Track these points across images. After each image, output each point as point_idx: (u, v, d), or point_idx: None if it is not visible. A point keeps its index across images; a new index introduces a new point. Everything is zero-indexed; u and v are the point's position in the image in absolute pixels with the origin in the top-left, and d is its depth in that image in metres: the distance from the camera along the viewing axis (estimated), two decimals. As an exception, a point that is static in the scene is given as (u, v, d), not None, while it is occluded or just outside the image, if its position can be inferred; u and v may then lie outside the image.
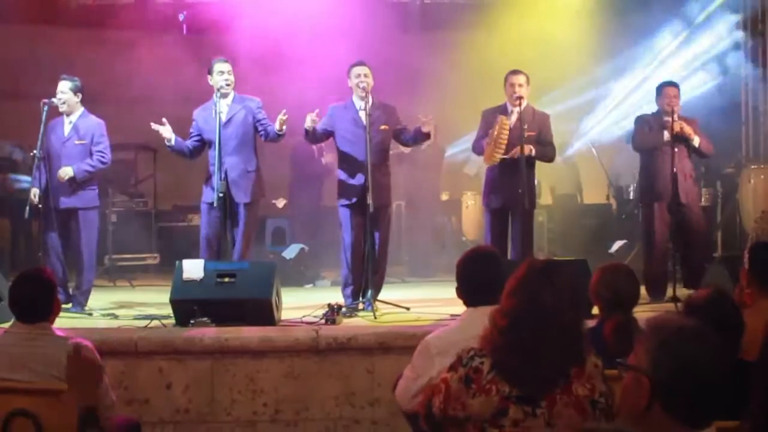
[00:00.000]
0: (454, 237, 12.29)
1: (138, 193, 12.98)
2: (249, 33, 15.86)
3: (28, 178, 8.73)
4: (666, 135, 8.03)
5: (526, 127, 7.92)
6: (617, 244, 10.27)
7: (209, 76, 7.90)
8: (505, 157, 7.89)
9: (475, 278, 4.03)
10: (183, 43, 15.65)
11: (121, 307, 8.16)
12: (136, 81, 14.54)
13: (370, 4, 15.26)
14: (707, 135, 8.27)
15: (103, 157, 8.10)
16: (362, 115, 7.80)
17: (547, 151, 8.28)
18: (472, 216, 12.39)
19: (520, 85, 8.07)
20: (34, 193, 7.84)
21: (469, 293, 4.06)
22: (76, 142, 8.03)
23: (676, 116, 7.88)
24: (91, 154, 8.06)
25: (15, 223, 11.34)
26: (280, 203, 10.58)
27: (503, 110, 8.18)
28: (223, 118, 7.73)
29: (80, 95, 8.15)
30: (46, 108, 7.84)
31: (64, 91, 8.03)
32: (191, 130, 8.06)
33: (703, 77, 11.58)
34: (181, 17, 18.54)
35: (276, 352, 6.00)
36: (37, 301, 4.28)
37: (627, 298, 4.32)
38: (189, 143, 8.00)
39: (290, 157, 11.10)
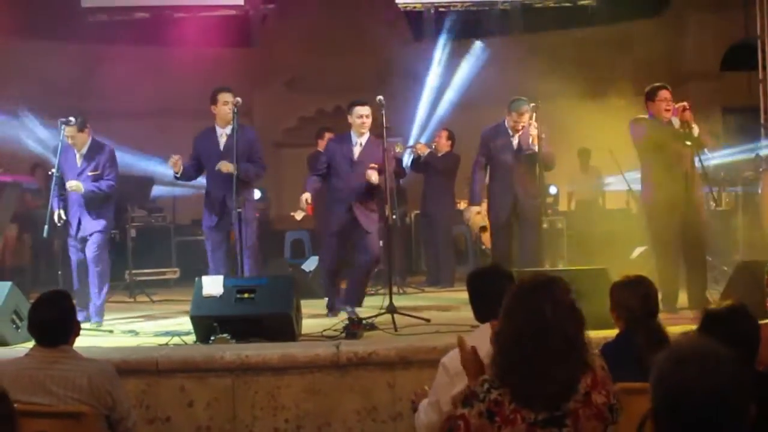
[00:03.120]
0: (474, 246, 12.24)
1: (157, 208, 13.02)
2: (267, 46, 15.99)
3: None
4: (676, 122, 7.75)
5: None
6: (638, 251, 10.18)
7: (213, 106, 8.30)
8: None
9: (483, 294, 4.03)
10: (202, 56, 15.73)
11: (141, 324, 8.15)
12: (155, 95, 14.62)
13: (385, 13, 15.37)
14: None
15: (111, 184, 8.34)
16: (356, 150, 8.30)
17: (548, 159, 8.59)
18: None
19: (524, 117, 8.54)
20: (59, 214, 8.08)
21: (479, 309, 4.06)
22: (90, 173, 8.25)
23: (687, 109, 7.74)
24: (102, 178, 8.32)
25: (36, 240, 11.38)
26: (299, 215, 10.49)
27: (502, 129, 8.66)
28: (222, 148, 8.17)
29: (87, 128, 8.31)
30: (63, 127, 7.92)
31: (73, 135, 8.16)
32: (192, 155, 8.48)
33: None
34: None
35: (297, 367, 5.97)
36: (56, 325, 4.27)
37: (654, 309, 4.32)
38: (191, 170, 8.45)
39: (308, 166, 11.04)
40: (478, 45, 15.14)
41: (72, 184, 8.05)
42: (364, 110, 8.26)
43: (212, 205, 8.35)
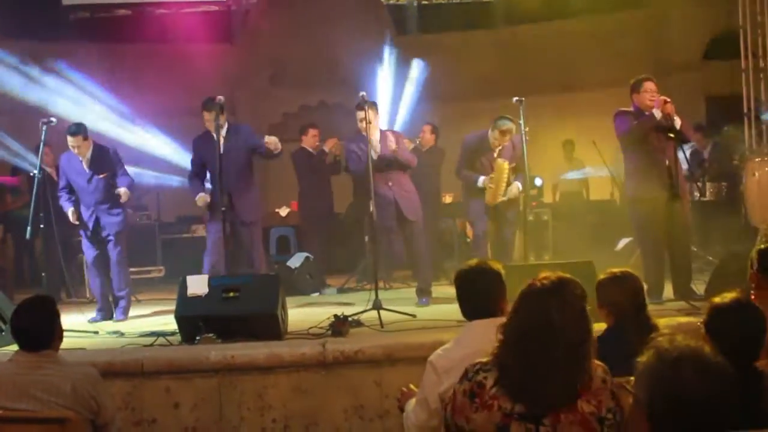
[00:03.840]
0: (459, 239, 12.23)
1: (142, 205, 12.96)
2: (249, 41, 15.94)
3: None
4: (657, 114, 7.66)
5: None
6: (623, 242, 10.19)
7: (206, 113, 8.48)
8: (504, 198, 8.74)
9: (472, 292, 4.01)
10: (180, 54, 15.67)
11: (126, 324, 8.13)
12: (136, 93, 14.54)
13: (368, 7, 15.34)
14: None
15: (131, 179, 8.82)
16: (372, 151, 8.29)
17: (521, 180, 8.72)
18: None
19: (506, 137, 8.71)
20: (73, 212, 8.42)
21: (467, 307, 4.04)
22: (100, 176, 8.50)
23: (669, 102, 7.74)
24: (114, 177, 8.60)
25: (18, 241, 11.32)
26: (284, 212, 10.54)
27: (486, 146, 8.81)
28: (221, 150, 8.20)
29: (88, 135, 8.54)
30: (44, 128, 8.07)
31: (78, 145, 8.39)
32: (193, 159, 8.84)
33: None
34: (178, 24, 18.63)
35: (284, 367, 5.96)
36: (39, 330, 4.25)
37: (643, 301, 4.33)
38: (200, 180, 8.83)
39: (293, 163, 10.95)
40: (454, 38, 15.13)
41: (123, 196, 8.49)
42: (360, 114, 8.32)
43: (217, 203, 8.39)
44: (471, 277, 4.01)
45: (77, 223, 8.50)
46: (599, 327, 4.53)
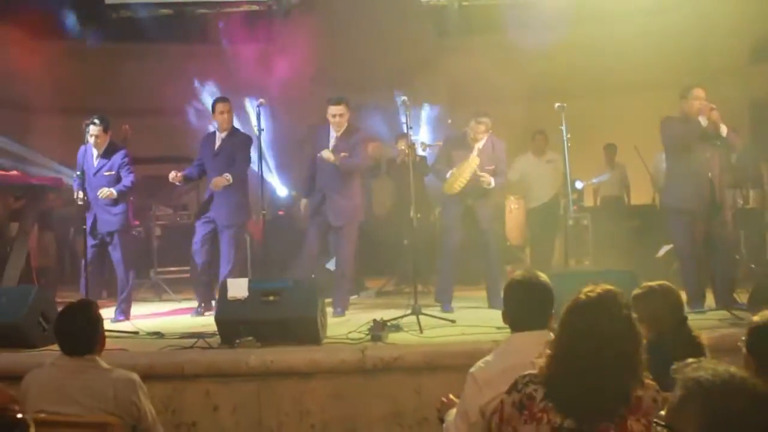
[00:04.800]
0: (498, 242, 12.14)
1: (181, 205, 13.02)
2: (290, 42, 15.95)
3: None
4: (703, 121, 7.64)
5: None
6: (664, 249, 10.07)
7: (213, 115, 9.08)
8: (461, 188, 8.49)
9: (519, 304, 3.97)
10: (221, 55, 15.74)
11: (167, 325, 8.16)
12: (176, 93, 14.63)
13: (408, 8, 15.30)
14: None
15: (131, 182, 8.78)
16: (332, 143, 8.71)
17: (498, 181, 8.72)
18: (515, 220, 12.26)
19: (479, 132, 8.57)
20: (78, 194, 8.38)
21: (513, 318, 4.00)
22: (106, 173, 8.67)
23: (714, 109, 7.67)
24: (119, 180, 8.69)
25: (60, 239, 11.43)
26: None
27: (464, 139, 8.71)
28: (215, 150, 8.96)
29: (109, 130, 8.75)
30: (89, 128, 8.23)
31: (98, 134, 8.56)
32: (198, 156, 9.27)
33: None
34: (220, 24, 18.71)
35: (322, 373, 5.97)
36: (83, 335, 4.28)
37: (684, 314, 4.29)
38: (193, 171, 9.25)
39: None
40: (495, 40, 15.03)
41: (105, 193, 8.47)
42: (336, 109, 8.66)
43: (208, 202, 9.00)
44: (519, 289, 3.97)
45: (80, 202, 8.40)
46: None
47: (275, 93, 13.71)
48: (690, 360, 2.36)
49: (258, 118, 8.28)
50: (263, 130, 8.33)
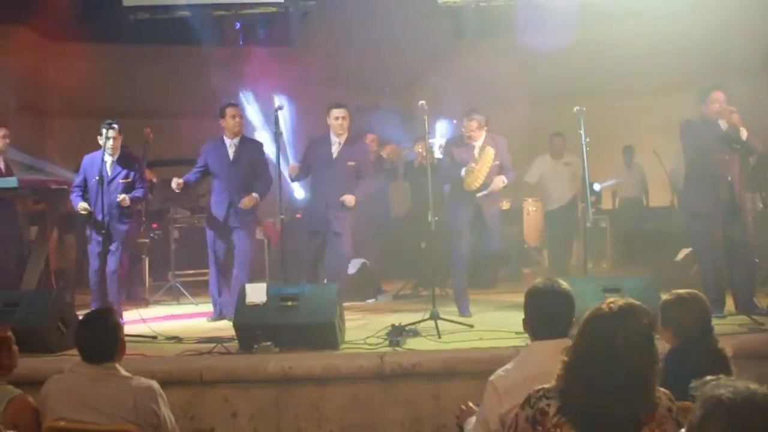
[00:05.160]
0: (516, 245, 12.14)
1: (199, 207, 13.02)
2: (307, 43, 15.97)
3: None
4: (723, 125, 7.66)
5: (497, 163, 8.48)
6: (683, 252, 10.00)
7: (221, 120, 8.88)
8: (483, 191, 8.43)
9: (539, 311, 3.95)
10: (239, 56, 15.76)
11: (184, 329, 8.19)
12: (194, 95, 14.66)
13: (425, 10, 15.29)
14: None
15: (144, 194, 8.94)
16: (334, 149, 8.81)
17: (510, 177, 8.64)
18: (533, 223, 12.27)
19: (472, 130, 8.49)
20: (83, 206, 8.49)
21: (533, 325, 3.98)
22: (122, 180, 8.66)
23: (734, 112, 7.63)
24: (133, 188, 8.72)
25: (80, 242, 11.44)
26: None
27: (464, 142, 8.61)
28: (231, 157, 8.84)
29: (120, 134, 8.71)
30: (105, 130, 8.37)
31: (115, 137, 8.56)
32: (198, 161, 9.06)
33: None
34: (237, 25, 18.77)
35: (341, 379, 5.96)
36: (103, 342, 4.28)
37: (709, 325, 4.26)
38: (193, 176, 9.04)
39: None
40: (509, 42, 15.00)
41: (123, 200, 8.53)
42: (339, 112, 8.76)
43: (218, 209, 8.90)
44: (541, 296, 3.95)
45: (85, 213, 8.49)
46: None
47: (291, 95, 13.72)
48: (709, 377, 2.34)
49: (276, 123, 8.20)
50: (281, 134, 8.27)
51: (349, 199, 8.59)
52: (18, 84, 15.01)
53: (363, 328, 7.60)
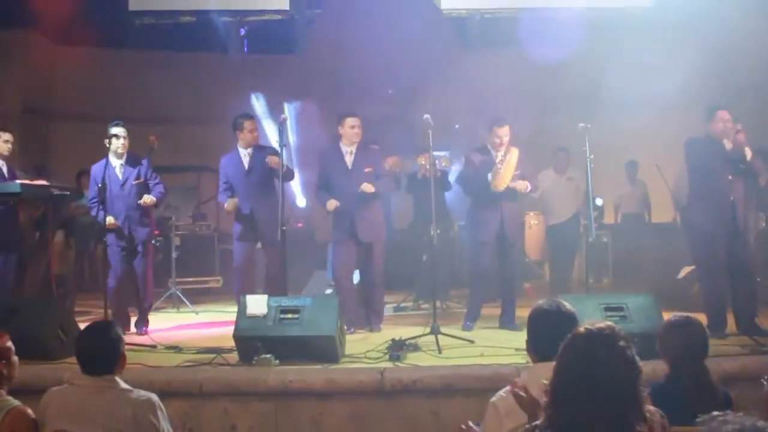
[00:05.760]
0: (519, 258, 12.10)
1: (201, 215, 13.04)
2: (312, 51, 15.97)
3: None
4: (728, 144, 7.63)
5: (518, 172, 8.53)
6: (685, 270, 9.98)
7: (238, 132, 8.83)
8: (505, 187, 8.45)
9: (542, 333, 3.94)
10: (244, 63, 15.78)
11: (184, 338, 8.18)
12: (198, 101, 14.67)
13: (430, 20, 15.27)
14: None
15: (165, 188, 8.87)
16: (348, 159, 8.67)
17: (533, 184, 8.83)
18: (535, 236, 12.27)
19: (504, 135, 8.56)
20: (110, 221, 8.33)
21: (539, 348, 3.97)
22: (134, 182, 8.62)
23: (740, 132, 7.63)
24: (148, 189, 8.68)
25: (79, 247, 11.45)
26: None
27: (486, 150, 8.66)
28: (246, 167, 8.81)
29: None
30: (112, 129, 8.40)
31: (125, 135, 8.58)
32: (221, 178, 9.00)
33: None
34: (242, 31, 18.75)
35: (341, 393, 5.94)
36: (103, 355, 4.26)
37: (700, 352, 4.25)
38: (225, 196, 8.89)
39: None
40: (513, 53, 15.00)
41: (147, 200, 8.53)
42: (356, 121, 8.66)
43: (240, 219, 8.84)
44: (545, 318, 3.94)
45: (113, 227, 8.41)
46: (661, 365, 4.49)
47: (296, 101, 13.74)
48: (716, 413, 2.32)
49: (280, 134, 8.17)
50: (286, 145, 8.23)
51: (366, 186, 8.45)
52: (24, 88, 15.04)
53: (363, 341, 7.61)
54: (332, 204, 8.48)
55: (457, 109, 14.24)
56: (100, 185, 8.13)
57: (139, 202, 8.52)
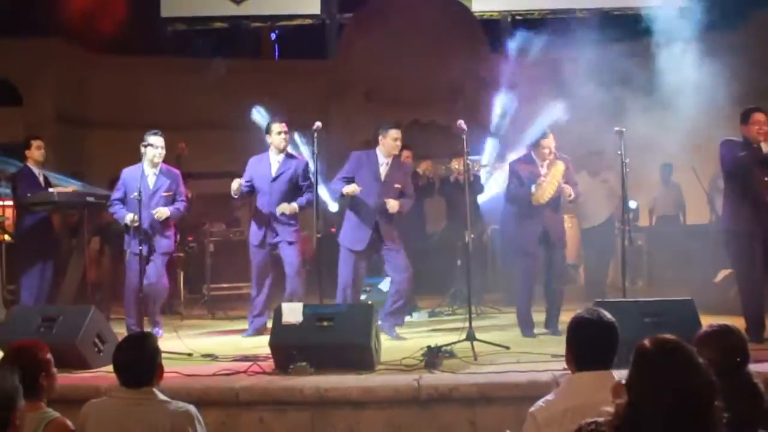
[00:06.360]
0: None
1: (234, 221, 13.08)
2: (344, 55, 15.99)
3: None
4: (765, 147, 7.54)
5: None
6: (722, 274, 9.88)
7: (267, 135, 8.91)
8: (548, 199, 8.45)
9: (583, 342, 3.90)
10: (275, 69, 15.83)
11: (220, 345, 8.21)
12: (231, 107, 14.70)
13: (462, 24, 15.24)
14: None
15: (186, 205, 9.03)
16: (383, 170, 8.58)
17: (576, 191, 8.69)
18: (570, 240, 12.06)
19: (551, 145, 8.51)
20: (133, 218, 8.42)
21: (575, 355, 3.93)
22: (164, 193, 8.77)
23: None
24: (173, 202, 8.82)
25: (114, 254, 11.51)
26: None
27: (531, 160, 8.60)
28: (273, 173, 8.85)
29: None
30: (148, 138, 8.36)
31: (162, 146, 8.69)
32: (245, 176, 8.97)
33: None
34: (273, 36, 18.84)
35: (377, 402, 5.92)
36: (140, 367, 4.28)
37: (740, 360, 4.18)
38: (245, 188, 8.93)
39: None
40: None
41: (161, 213, 8.62)
42: (399, 134, 8.61)
43: (259, 224, 8.90)
44: (586, 328, 3.90)
45: (134, 226, 8.43)
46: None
47: (328, 108, 13.76)
48: None
49: (313, 143, 8.21)
50: (317, 153, 8.21)
51: (392, 204, 8.42)
52: (58, 96, 15.18)
53: (399, 347, 7.58)
54: (353, 188, 8.42)
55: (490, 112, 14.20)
56: (135, 195, 8.11)
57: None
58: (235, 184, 8.74)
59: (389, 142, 8.57)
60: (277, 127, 8.95)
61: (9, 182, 9.94)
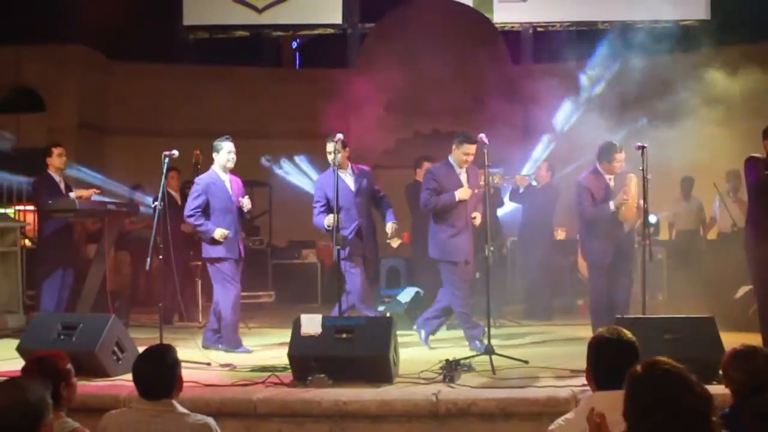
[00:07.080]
0: (572, 275, 12.02)
1: (254, 229, 13.11)
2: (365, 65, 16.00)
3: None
4: None
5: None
6: (743, 290, 9.80)
7: (329, 155, 8.48)
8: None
9: (604, 361, 3.89)
10: (295, 78, 15.86)
11: (239, 356, 8.21)
12: (251, 116, 14.76)
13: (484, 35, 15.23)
14: None
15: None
16: (463, 178, 8.46)
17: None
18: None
19: (622, 160, 8.42)
20: (222, 234, 8.46)
21: (600, 377, 3.92)
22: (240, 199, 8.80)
23: None
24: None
25: (135, 261, 11.56)
26: (395, 243, 10.54)
27: (597, 173, 8.52)
28: (353, 188, 8.66)
29: None
30: (167, 160, 8.05)
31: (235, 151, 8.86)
32: (317, 199, 8.72)
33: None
34: (294, 45, 18.88)
35: (395, 416, 5.91)
36: (160, 380, 4.29)
37: (765, 381, 4.14)
38: (324, 217, 8.59)
39: (406, 196, 10.85)
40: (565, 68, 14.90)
41: (244, 202, 8.74)
42: (473, 149, 8.33)
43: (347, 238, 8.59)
44: (607, 347, 3.89)
45: (222, 240, 8.44)
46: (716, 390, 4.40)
47: (349, 117, 13.76)
48: None
49: (335, 153, 8.21)
50: (338, 165, 8.20)
51: (478, 218, 8.47)
52: (80, 103, 15.26)
53: (417, 359, 7.58)
54: (466, 192, 8.37)
55: (512, 125, 14.19)
56: (159, 205, 8.01)
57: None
58: (330, 220, 8.41)
59: (461, 156, 8.40)
60: (330, 145, 8.48)
61: (30, 188, 10.02)
